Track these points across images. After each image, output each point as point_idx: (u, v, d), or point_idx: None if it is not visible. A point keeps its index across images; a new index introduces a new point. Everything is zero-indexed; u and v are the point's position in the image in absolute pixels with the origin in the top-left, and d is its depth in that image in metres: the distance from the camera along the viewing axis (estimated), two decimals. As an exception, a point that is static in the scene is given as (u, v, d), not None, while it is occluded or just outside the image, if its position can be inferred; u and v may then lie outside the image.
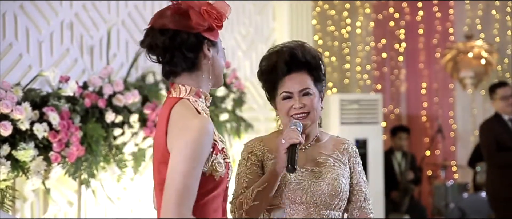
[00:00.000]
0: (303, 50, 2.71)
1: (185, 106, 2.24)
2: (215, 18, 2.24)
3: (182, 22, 2.22)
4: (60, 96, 4.40)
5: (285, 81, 2.70)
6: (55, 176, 4.38)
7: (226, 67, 5.77)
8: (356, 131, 7.05)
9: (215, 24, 2.24)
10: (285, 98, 2.70)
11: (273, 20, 6.76)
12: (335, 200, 2.68)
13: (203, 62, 2.28)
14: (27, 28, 4.66)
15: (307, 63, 2.71)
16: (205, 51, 2.28)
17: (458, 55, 8.57)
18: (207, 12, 2.23)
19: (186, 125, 2.17)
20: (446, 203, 7.99)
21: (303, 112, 2.67)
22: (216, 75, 2.34)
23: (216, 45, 2.31)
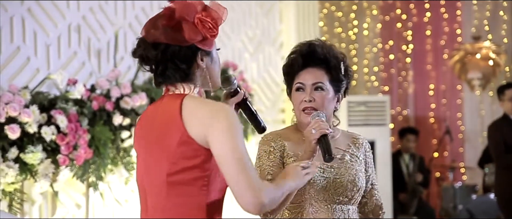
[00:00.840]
0: (324, 47, 2.73)
1: (196, 98, 2.22)
2: (209, 28, 2.21)
3: (174, 36, 2.18)
4: (68, 99, 4.41)
5: (300, 74, 2.72)
6: (63, 178, 4.39)
7: (233, 70, 5.77)
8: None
9: (209, 34, 2.21)
10: (297, 89, 2.72)
11: (280, 22, 6.76)
12: (355, 195, 2.72)
13: (197, 72, 2.25)
14: (35, 32, 4.68)
15: (326, 61, 2.71)
16: (199, 62, 2.24)
17: (465, 56, 8.55)
18: (201, 21, 2.20)
19: (215, 109, 2.14)
20: (454, 205, 7.96)
21: (311, 106, 2.68)
22: (213, 82, 2.31)
23: (210, 54, 2.27)
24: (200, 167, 2.15)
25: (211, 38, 2.23)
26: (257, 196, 2.07)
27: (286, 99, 6.53)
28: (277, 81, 6.59)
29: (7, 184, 4.01)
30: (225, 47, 6.23)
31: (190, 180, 2.15)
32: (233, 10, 6.30)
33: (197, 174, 2.15)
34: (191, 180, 2.15)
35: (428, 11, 9.06)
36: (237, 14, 6.34)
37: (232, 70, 5.77)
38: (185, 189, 2.15)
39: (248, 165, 2.09)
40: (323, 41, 2.78)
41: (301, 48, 2.74)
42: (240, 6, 6.37)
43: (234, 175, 2.08)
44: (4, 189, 4.01)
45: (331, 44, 2.79)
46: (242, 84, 5.75)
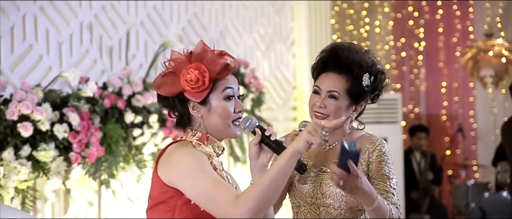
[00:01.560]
0: (349, 52, 2.66)
1: (181, 143, 2.34)
2: (193, 82, 2.27)
3: (162, 86, 2.33)
4: (80, 97, 4.42)
5: (321, 77, 2.68)
6: (75, 176, 4.40)
7: (245, 67, 5.77)
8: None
9: (190, 88, 2.28)
10: (314, 92, 2.69)
11: (291, 20, 6.76)
12: (352, 199, 2.65)
13: (197, 120, 2.35)
14: (47, 30, 4.69)
15: (348, 68, 2.64)
16: (191, 111, 2.34)
17: (478, 54, 8.50)
18: (186, 74, 2.28)
19: (176, 154, 2.27)
20: (466, 202, 7.93)
21: (321, 112, 2.64)
22: (215, 130, 2.36)
23: (206, 104, 2.33)
24: (166, 203, 2.27)
25: (193, 91, 2.29)
26: (237, 207, 2.12)
27: (297, 97, 6.52)
28: (288, 79, 6.59)
29: (20, 181, 4.03)
30: (237, 45, 6.23)
31: (159, 214, 2.30)
32: (245, 9, 6.31)
33: (164, 209, 2.28)
34: (160, 214, 2.30)
35: (440, 8, 9.03)
36: (249, 12, 6.34)
37: (243, 68, 5.77)
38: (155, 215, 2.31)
39: (215, 189, 2.17)
40: (353, 45, 2.70)
41: (325, 52, 2.69)
42: (252, 4, 6.37)
43: (211, 205, 2.18)
44: (17, 187, 4.02)
45: (363, 49, 2.71)
46: (254, 82, 5.75)
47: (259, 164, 2.39)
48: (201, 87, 2.28)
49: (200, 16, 5.88)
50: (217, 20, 6.06)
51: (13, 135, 4.02)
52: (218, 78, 2.32)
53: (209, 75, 2.28)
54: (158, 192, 2.29)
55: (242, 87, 5.62)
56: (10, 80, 4.41)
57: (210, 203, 2.18)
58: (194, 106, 2.33)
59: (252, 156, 2.40)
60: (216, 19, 6.05)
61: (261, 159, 2.39)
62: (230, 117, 2.35)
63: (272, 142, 2.37)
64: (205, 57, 2.31)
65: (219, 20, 6.08)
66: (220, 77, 2.32)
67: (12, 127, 4.02)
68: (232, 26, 6.21)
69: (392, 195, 2.67)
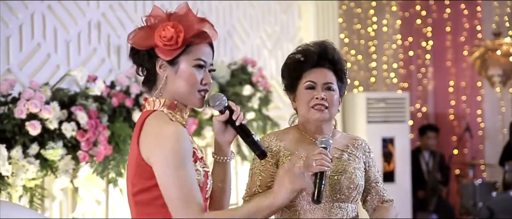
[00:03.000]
0: (332, 50, 2.76)
1: (158, 116, 2.27)
2: (166, 38, 2.25)
3: (136, 37, 2.30)
4: (88, 96, 4.43)
5: (311, 72, 2.72)
6: (83, 175, 4.42)
7: (252, 66, 5.77)
8: (382, 130, 7.02)
9: (162, 43, 2.25)
10: (308, 88, 2.71)
11: (299, 18, 6.75)
12: (353, 193, 2.70)
13: (161, 80, 2.31)
14: (55, 28, 4.71)
15: (334, 62, 2.75)
16: (157, 69, 2.30)
17: (486, 53, 8.48)
18: (162, 30, 2.26)
19: (161, 133, 2.20)
20: (474, 202, 7.91)
21: (323, 104, 2.68)
22: (178, 95, 2.31)
23: (174, 65, 2.29)
24: (156, 187, 2.21)
25: (165, 48, 2.25)
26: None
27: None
28: (296, 78, 6.59)
29: (28, 180, 4.04)
30: (244, 44, 6.24)
31: (149, 200, 2.23)
32: (252, 7, 6.31)
33: (155, 194, 2.22)
34: (150, 200, 2.23)
35: (448, 7, 9.00)
36: (256, 11, 6.34)
37: (251, 67, 5.77)
38: (146, 209, 2.25)
39: (188, 203, 2.15)
40: (332, 43, 2.80)
41: (315, 47, 2.75)
42: (259, 3, 6.37)
43: (176, 212, 2.16)
44: (25, 185, 4.04)
45: (332, 43, 2.82)
46: (261, 81, 5.75)
47: (223, 139, 2.41)
48: (173, 46, 2.25)
49: (208, 15, 5.88)
50: (224, 19, 6.06)
51: (21, 133, 4.03)
52: (192, 42, 2.28)
53: (183, 36, 2.26)
54: (145, 175, 2.23)
55: (249, 86, 5.62)
56: (19, 78, 4.42)
57: (173, 205, 2.16)
58: (162, 65, 2.29)
59: (216, 131, 2.41)
60: (224, 18, 6.06)
61: (226, 136, 2.40)
62: (196, 85, 2.30)
63: (237, 126, 2.38)
64: (185, 19, 2.30)
65: (227, 19, 6.09)
66: (194, 42, 2.29)
67: (21, 125, 4.03)
68: (240, 25, 6.22)
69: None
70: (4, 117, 4.05)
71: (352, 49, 8.53)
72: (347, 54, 8.42)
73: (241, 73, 5.70)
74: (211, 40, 2.34)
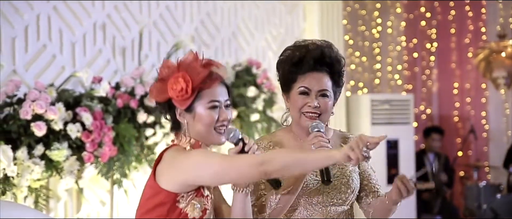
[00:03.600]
0: (331, 52, 2.70)
1: (178, 149, 2.45)
2: (179, 90, 2.38)
3: (152, 92, 2.47)
4: (93, 97, 4.44)
5: (306, 77, 2.67)
6: (88, 175, 4.42)
7: (257, 68, 5.78)
8: (387, 131, 6.93)
9: (175, 96, 2.39)
10: (301, 93, 2.67)
11: (303, 20, 6.76)
12: (350, 197, 2.71)
13: (184, 126, 2.46)
14: (61, 30, 4.72)
15: (331, 65, 2.69)
16: (178, 118, 2.46)
17: (490, 55, 8.47)
18: (174, 83, 2.39)
19: (185, 155, 2.38)
20: (478, 204, 7.90)
21: (316, 112, 2.65)
22: (200, 137, 2.45)
23: (191, 111, 2.42)
24: (158, 207, 2.39)
25: (178, 99, 2.39)
26: (259, 165, 2.27)
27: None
28: (300, 79, 6.58)
29: (33, 180, 4.05)
30: (249, 45, 6.24)
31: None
32: (257, 9, 6.32)
33: (154, 215, 2.39)
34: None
35: (452, 9, 9.00)
36: (261, 12, 6.35)
37: (255, 68, 5.78)
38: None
39: (232, 157, 2.36)
40: (328, 42, 2.74)
41: (312, 49, 2.69)
42: (264, 4, 6.38)
43: (232, 170, 2.32)
44: (30, 186, 4.05)
45: (332, 44, 2.76)
46: (266, 83, 5.76)
47: None
48: (185, 95, 2.39)
49: (213, 16, 5.89)
50: (229, 20, 6.07)
51: (26, 134, 4.04)
52: (202, 88, 2.40)
53: (192, 85, 2.38)
54: (150, 197, 2.41)
55: (254, 88, 5.63)
56: (24, 80, 4.44)
57: (232, 169, 2.31)
58: (181, 113, 2.44)
59: None
60: (229, 19, 6.06)
61: None
62: (212, 124, 2.43)
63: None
64: (191, 67, 2.40)
65: (231, 20, 6.09)
66: (204, 87, 2.41)
67: (26, 126, 4.04)
68: (244, 26, 6.22)
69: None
70: (10, 118, 4.06)
71: (357, 51, 8.53)
72: (351, 55, 8.43)
73: (246, 75, 5.71)
74: (220, 79, 2.46)
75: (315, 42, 2.73)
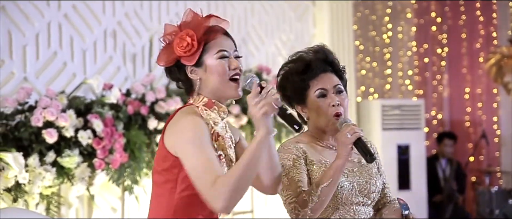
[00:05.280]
0: (328, 52, 2.78)
1: (186, 109, 2.42)
2: (185, 46, 2.39)
3: (161, 57, 2.47)
4: (104, 104, 4.46)
5: (319, 80, 2.71)
6: (99, 182, 4.44)
7: (267, 74, 5.78)
8: (398, 137, 7.00)
9: (183, 52, 2.39)
10: (320, 96, 2.70)
11: (313, 26, 6.76)
12: (376, 197, 2.76)
13: (196, 85, 2.44)
14: (71, 37, 4.74)
15: (333, 64, 2.77)
16: (190, 76, 2.44)
17: (502, 59, 8.44)
18: (179, 42, 2.40)
19: (180, 126, 2.35)
20: (490, 209, 7.86)
21: (340, 109, 2.69)
22: (214, 90, 2.43)
23: (201, 65, 2.42)
24: (168, 171, 2.38)
25: (186, 56, 2.40)
26: (210, 195, 2.23)
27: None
28: (310, 85, 6.58)
29: (44, 187, 4.07)
30: (259, 51, 6.25)
31: (161, 182, 2.41)
32: (267, 14, 6.32)
33: (165, 178, 2.39)
34: (161, 182, 2.41)
35: (463, 14, 8.97)
36: (270, 18, 6.35)
37: (266, 74, 5.78)
38: (157, 189, 2.43)
39: (203, 168, 2.26)
40: (324, 45, 2.81)
41: (314, 55, 2.74)
42: (274, 10, 6.38)
43: (196, 182, 2.28)
44: (41, 193, 4.07)
45: (324, 45, 2.83)
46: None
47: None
48: (192, 50, 2.39)
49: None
50: (239, 26, 6.08)
51: (38, 141, 4.06)
52: (208, 39, 2.41)
53: (196, 38, 2.39)
54: (162, 158, 2.40)
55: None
56: (35, 87, 4.46)
57: (196, 180, 2.28)
58: (192, 70, 2.43)
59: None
60: (238, 26, 6.07)
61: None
62: (225, 73, 2.42)
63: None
64: (192, 23, 2.44)
65: (241, 26, 6.10)
66: (209, 38, 2.42)
67: (37, 133, 4.06)
68: (254, 32, 6.23)
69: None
70: (21, 125, 4.08)
71: (367, 56, 8.52)
72: (362, 61, 8.42)
73: (256, 81, 5.70)
74: (224, 31, 2.47)
75: (312, 48, 2.79)
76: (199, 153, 2.29)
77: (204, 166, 2.27)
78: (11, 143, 3.99)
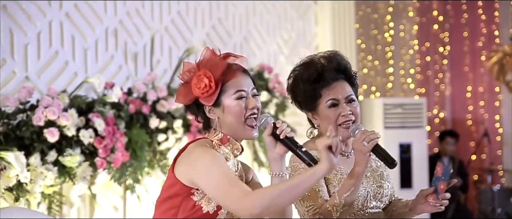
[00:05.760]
0: (342, 58, 2.76)
1: (200, 142, 2.48)
2: (203, 87, 2.42)
3: (178, 96, 2.52)
4: (105, 103, 4.45)
5: (331, 89, 2.71)
6: (100, 181, 4.44)
7: (269, 72, 5.77)
8: (400, 135, 6.99)
9: (201, 94, 2.43)
10: (332, 105, 2.71)
11: (315, 24, 6.75)
12: (387, 200, 2.80)
13: (215, 122, 2.49)
14: (73, 36, 4.74)
15: (346, 71, 2.76)
16: (208, 115, 2.49)
17: (504, 58, 8.43)
18: (197, 82, 2.43)
19: (196, 154, 2.39)
20: (492, 208, 7.86)
21: (350, 119, 2.70)
22: (232, 130, 2.48)
23: (219, 105, 2.45)
24: (173, 198, 2.43)
25: (204, 96, 2.43)
26: (247, 200, 2.24)
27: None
28: (312, 84, 6.57)
29: (46, 186, 4.07)
30: (260, 50, 6.24)
31: (166, 209, 2.46)
32: (268, 13, 6.31)
33: (170, 205, 2.44)
34: (166, 209, 2.46)
35: (465, 12, 8.96)
36: (272, 17, 6.34)
37: (267, 73, 5.78)
38: (161, 215, 2.48)
39: (229, 184, 2.29)
40: (336, 51, 2.80)
41: (327, 63, 2.73)
42: (276, 9, 6.37)
43: (224, 199, 2.31)
44: (43, 192, 4.06)
45: (338, 51, 2.82)
46: (278, 88, 5.75)
47: (275, 153, 2.49)
48: (209, 91, 2.42)
49: (224, 21, 5.90)
50: (241, 25, 6.07)
51: (39, 141, 4.06)
52: (225, 79, 2.44)
53: (214, 79, 2.41)
54: (168, 186, 2.45)
55: (266, 92, 5.63)
56: (37, 86, 4.46)
57: (224, 197, 2.29)
58: (210, 109, 2.47)
59: (268, 147, 2.50)
60: (240, 24, 6.07)
61: (277, 149, 2.48)
62: (242, 113, 2.45)
63: (284, 139, 2.45)
64: (210, 62, 2.44)
65: (243, 25, 6.10)
66: (226, 79, 2.44)
67: (39, 132, 4.06)
68: (256, 31, 6.22)
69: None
70: (23, 124, 4.08)
71: (369, 55, 8.51)
72: (363, 59, 8.40)
73: (258, 79, 5.70)
74: (241, 69, 2.49)
75: (323, 55, 2.78)
76: (220, 173, 2.32)
77: (229, 182, 2.30)
78: (12, 142, 3.99)
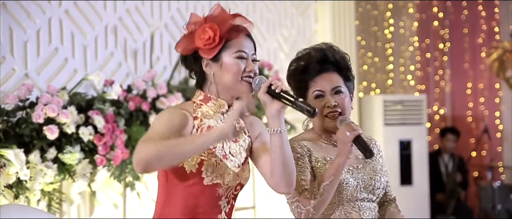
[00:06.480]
0: (332, 51, 2.78)
1: (179, 104, 2.55)
2: (206, 39, 2.41)
3: (180, 44, 2.50)
4: (105, 100, 4.45)
5: (316, 81, 2.74)
6: (100, 178, 4.43)
7: (269, 69, 5.77)
8: (400, 132, 6.99)
9: (202, 45, 2.42)
10: (317, 97, 2.73)
11: (315, 21, 6.74)
12: (381, 193, 2.78)
13: (209, 77, 2.47)
14: (72, 33, 4.73)
15: (337, 63, 2.76)
16: (204, 69, 2.46)
17: (504, 54, 8.43)
18: (201, 33, 2.43)
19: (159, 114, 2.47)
20: (493, 204, 7.86)
21: (336, 110, 2.71)
22: (226, 87, 2.46)
23: (218, 61, 2.44)
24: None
25: (205, 48, 2.42)
26: (140, 145, 2.32)
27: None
28: (312, 80, 6.57)
29: (46, 184, 4.06)
30: (260, 47, 6.23)
31: (159, 177, 2.52)
32: (268, 11, 6.31)
33: (161, 171, 2.49)
34: (160, 177, 2.52)
35: (465, 9, 8.96)
36: (272, 14, 6.34)
37: (267, 70, 5.77)
38: (159, 181, 2.54)
39: (145, 137, 2.34)
40: (326, 44, 2.81)
41: (314, 54, 2.76)
42: (276, 6, 6.37)
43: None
44: (43, 189, 4.06)
45: (332, 44, 2.83)
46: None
47: (273, 109, 2.45)
48: (212, 44, 2.41)
49: (224, 18, 5.88)
50: (240, 22, 6.05)
51: (39, 138, 4.06)
52: (229, 37, 2.44)
53: (219, 33, 2.41)
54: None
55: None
56: (36, 83, 4.45)
57: (145, 140, 2.34)
58: (208, 63, 2.45)
59: (265, 105, 2.46)
60: (240, 21, 6.05)
61: (274, 105, 2.45)
62: (239, 73, 2.44)
63: (279, 94, 2.42)
64: (219, 17, 2.46)
65: (243, 22, 6.08)
66: (231, 37, 2.44)
67: (38, 129, 4.06)
68: (256, 28, 6.22)
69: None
70: (22, 122, 4.07)
71: (369, 52, 8.51)
72: (363, 56, 8.40)
73: (258, 77, 5.69)
74: (247, 32, 2.50)
75: (316, 46, 2.81)
76: (155, 128, 2.35)
77: (147, 136, 2.33)
78: (12, 139, 3.98)
